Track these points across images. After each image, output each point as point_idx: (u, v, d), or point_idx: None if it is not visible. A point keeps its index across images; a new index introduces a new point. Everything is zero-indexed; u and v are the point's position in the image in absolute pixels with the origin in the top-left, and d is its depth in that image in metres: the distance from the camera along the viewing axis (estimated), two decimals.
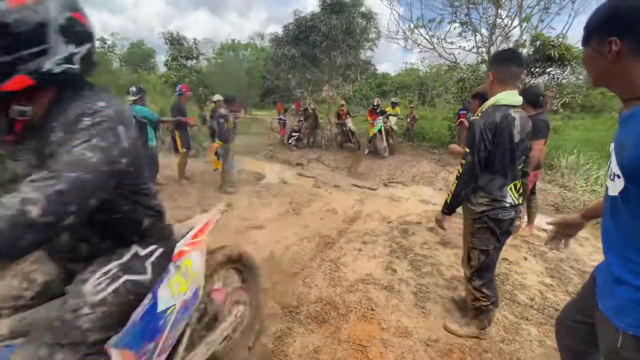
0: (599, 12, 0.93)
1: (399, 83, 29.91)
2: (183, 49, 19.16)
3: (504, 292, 2.65)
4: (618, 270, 0.96)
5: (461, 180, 1.83)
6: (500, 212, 1.86)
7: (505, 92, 1.79)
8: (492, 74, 1.84)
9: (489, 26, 9.14)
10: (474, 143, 1.75)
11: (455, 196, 1.88)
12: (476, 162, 1.77)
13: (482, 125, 1.73)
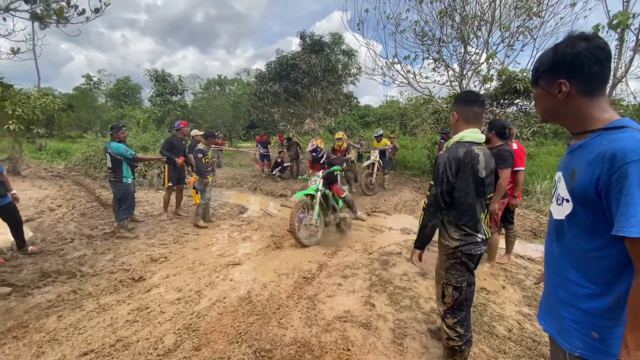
0: (546, 56, 1.02)
1: (381, 114, 31.00)
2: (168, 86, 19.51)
3: (482, 324, 2.62)
4: (561, 292, 0.98)
5: (427, 211, 1.87)
6: (473, 248, 1.89)
7: (469, 129, 1.89)
8: (457, 113, 1.94)
9: (460, 62, 9.78)
10: (438, 176, 1.82)
11: (422, 227, 1.89)
12: (439, 194, 1.82)
13: (445, 159, 1.81)
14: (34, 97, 9.40)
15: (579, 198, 0.93)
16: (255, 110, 13.02)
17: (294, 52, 10.57)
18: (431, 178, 1.89)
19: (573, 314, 0.96)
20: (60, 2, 2.63)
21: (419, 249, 1.98)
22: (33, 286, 3.14)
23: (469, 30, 9.01)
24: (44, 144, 13.58)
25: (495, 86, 8.64)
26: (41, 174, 9.47)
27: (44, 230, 4.87)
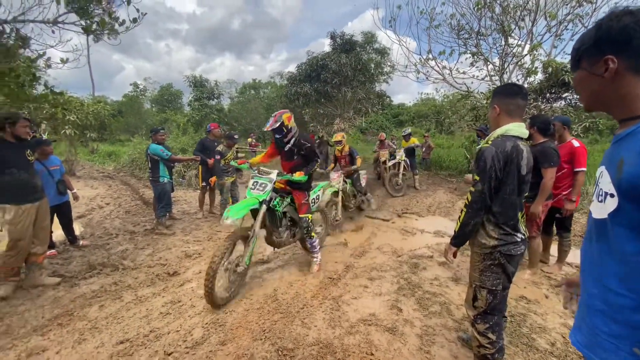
0: (588, 34, 0.92)
1: (416, 113, 30.13)
2: (205, 90, 20.46)
3: (521, 336, 2.42)
4: (598, 302, 0.87)
5: (470, 209, 1.75)
6: (513, 248, 1.77)
7: (514, 123, 1.77)
8: (498, 106, 1.82)
9: (500, 55, 9.20)
10: (485, 170, 1.70)
11: (463, 225, 1.79)
12: (486, 191, 1.70)
13: (493, 153, 1.69)
14: (87, 104, 10.31)
15: (627, 192, 0.81)
16: None
17: (324, 52, 10.61)
18: (474, 173, 1.76)
19: (611, 327, 0.84)
20: (103, 15, 2.84)
21: (456, 246, 1.89)
22: (80, 277, 3.42)
23: (510, 20, 8.45)
24: (96, 147, 14.86)
25: (541, 79, 8.02)
26: (93, 175, 10.35)
27: (93, 225, 5.30)
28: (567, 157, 3.33)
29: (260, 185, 3.09)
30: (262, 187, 3.07)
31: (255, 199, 2.98)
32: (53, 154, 4.16)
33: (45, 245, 3.40)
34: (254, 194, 3.02)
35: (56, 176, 4.04)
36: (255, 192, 3.04)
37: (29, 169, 3.13)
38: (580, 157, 3.31)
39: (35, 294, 3.09)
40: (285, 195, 3.47)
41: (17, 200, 3.01)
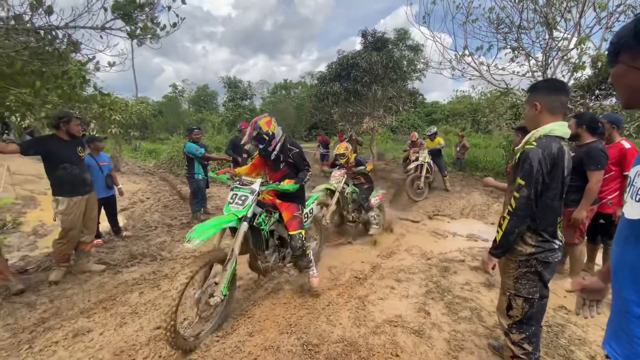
0: (627, 27, 0.86)
1: (450, 111, 29.09)
2: (239, 91, 21.14)
3: (558, 347, 2.27)
4: (637, 307, 0.80)
5: (514, 216, 1.61)
6: (550, 255, 1.67)
7: (557, 122, 1.65)
8: (540, 103, 1.67)
9: (544, 50, 8.63)
10: (532, 174, 1.57)
11: (507, 234, 1.65)
12: (532, 197, 1.58)
13: (540, 156, 1.57)
14: (131, 105, 11.06)
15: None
16: (317, 111, 13.34)
17: (354, 51, 10.55)
18: (518, 177, 1.62)
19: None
20: (147, 21, 3.04)
21: (498, 257, 1.74)
22: (122, 265, 3.69)
23: (556, 12, 7.88)
24: (139, 145, 15.88)
25: (589, 75, 7.41)
26: (135, 171, 11.07)
27: (134, 218, 5.69)
28: (616, 159, 3.05)
29: (240, 198, 2.52)
30: (242, 201, 2.51)
31: (234, 215, 2.45)
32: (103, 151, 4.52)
33: (93, 234, 3.71)
34: (233, 209, 2.48)
35: (105, 171, 4.39)
36: (234, 206, 2.49)
37: (80, 164, 3.42)
38: (631, 159, 3.01)
39: (82, 279, 3.38)
40: (273, 210, 2.90)
41: (69, 193, 3.30)
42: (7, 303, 2.84)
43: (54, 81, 3.15)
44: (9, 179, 6.51)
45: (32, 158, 10.95)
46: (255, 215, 2.64)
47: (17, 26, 2.61)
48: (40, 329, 2.50)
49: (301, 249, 2.91)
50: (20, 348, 2.27)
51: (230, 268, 2.37)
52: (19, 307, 2.81)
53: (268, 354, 2.20)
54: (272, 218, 2.87)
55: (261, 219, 2.71)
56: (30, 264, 3.69)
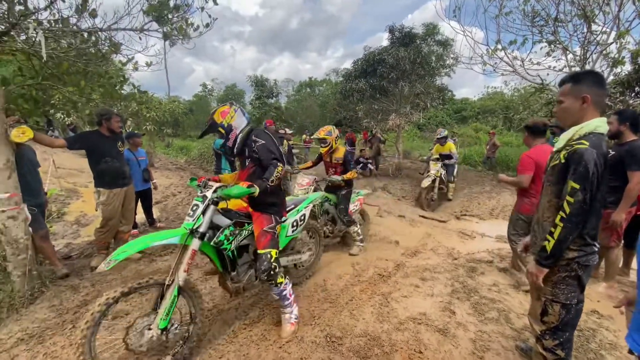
0: None
1: (481, 108, 27.97)
2: (265, 90, 21.52)
3: (588, 352, 2.17)
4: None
5: (569, 222, 1.50)
6: (591, 258, 1.59)
7: (600, 119, 1.56)
8: (590, 96, 1.55)
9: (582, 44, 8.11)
10: (587, 178, 1.45)
11: (561, 242, 1.53)
12: (588, 201, 1.47)
13: (595, 157, 1.46)
14: (164, 103, 11.56)
15: None
16: (341, 108, 13.30)
17: (381, 47, 10.40)
18: (571, 180, 1.50)
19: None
20: (181, 22, 3.19)
21: (548, 267, 1.61)
22: (157, 255, 3.90)
23: (594, 5, 7.37)
24: (171, 142, 16.60)
25: (629, 71, 6.90)
26: (168, 166, 11.58)
27: (167, 211, 5.98)
28: None
29: (192, 208, 2.09)
30: (192, 211, 2.07)
31: (183, 229, 2.03)
32: (140, 147, 4.79)
33: (131, 224, 3.96)
34: (185, 221, 2.06)
35: (142, 165, 4.66)
36: (187, 218, 2.06)
37: (120, 158, 3.66)
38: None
39: (121, 266, 3.61)
40: (247, 222, 2.43)
41: (110, 185, 3.54)
42: (53, 286, 3.10)
43: (97, 80, 3.38)
44: (54, 172, 7.04)
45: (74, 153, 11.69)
46: (216, 230, 2.17)
47: (64, 29, 2.83)
48: (83, 310, 2.71)
49: (267, 274, 2.25)
50: (65, 327, 2.48)
51: (170, 297, 1.91)
52: (64, 289, 3.06)
53: (292, 344, 2.26)
54: (244, 232, 2.37)
55: (223, 237, 2.19)
56: (73, 251, 4.01)
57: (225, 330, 2.44)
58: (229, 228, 2.24)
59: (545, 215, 1.69)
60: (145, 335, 1.85)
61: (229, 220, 2.27)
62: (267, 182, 2.17)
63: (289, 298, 2.42)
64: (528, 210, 3.04)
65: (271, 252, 2.28)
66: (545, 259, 1.59)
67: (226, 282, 2.35)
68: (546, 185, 1.71)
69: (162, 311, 1.89)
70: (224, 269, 2.32)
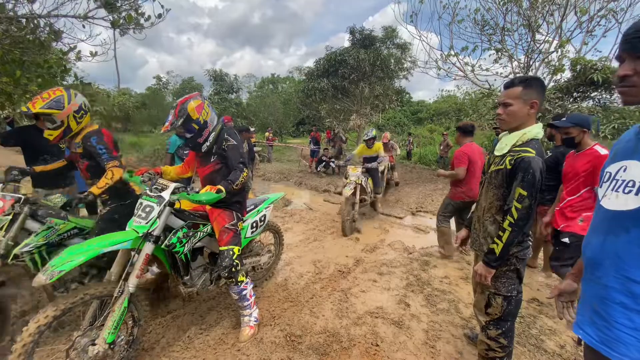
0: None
1: (435, 110, 29.55)
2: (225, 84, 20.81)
3: (529, 337, 2.40)
4: (621, 296, 0.86)
5: (516, 227, 1.57)
6: (527, 252, 1.73)
7: (539, 125, 1.65)
8: (537, 102, 1.61)
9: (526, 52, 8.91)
10: (534, 185, 1.53)
11: (508, 245, 1.61)
12: (533, 206, 1.56)
13: (540, 165, 1.55)
14: (113, 96, 10.74)
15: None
16: (304, 107, 13.33)
17: (342, 48, 10.58)
18: (518, 186, 1.57)
19: (635, 320, 0.85)
20: (129, 11, 2.98)
21: (496, 268, 1.69)
22: None
23: (538, 15, 8.15)
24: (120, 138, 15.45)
25: (568, 77, 7.73)
26: None
27: None
28: (588, 167, 2.49)
29: (144, 210, 1.95)
30: (145, 213, 1.94)
31: (133, 232, 1.89)
32: None
33: None
34: (135, 223, 1.92)
35: None
36: (137, 220, 1.93)
37: (60, 156, 3.33)
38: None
39: None
40: (202, 223, 2.31)
41: (49, 186, 3.21)
42: None
43: (34, 70, 3.05)
44: None
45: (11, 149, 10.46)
46: (168, 232, 2.03)
47: None
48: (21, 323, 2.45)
49: (228, 271, 2.17)
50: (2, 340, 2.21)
51: (119, 308, 1.77)
52: None
53: (251, 345, 2.23)
54: (198, 233, 2.25)
55: (175, 239, 2.05)
56: None
57: (181, 336, 2.34)
58: (182, 230, 2.12)
59: (486, 215, 1.80)
60: (89, 352, 1.69)
61: (182, 222, 2.16)
62: (232, 185, 2.09)
63: (249, 299, 2.36)
64: (459, 198, 3.80)
65: (233, 249, 2.22)
66: (494, 261, 1.67)
67: (177, 287, 2.24)
68: (488, 186, 1.79)
69: (109, 324, 1.74)
70: (176, 273, 2.21)
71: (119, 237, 1.84)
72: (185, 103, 2.15)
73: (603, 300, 0.91)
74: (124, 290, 1.81)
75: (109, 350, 1.75)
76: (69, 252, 1.66)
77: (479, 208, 1.88)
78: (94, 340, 1.73)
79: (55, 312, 1.60)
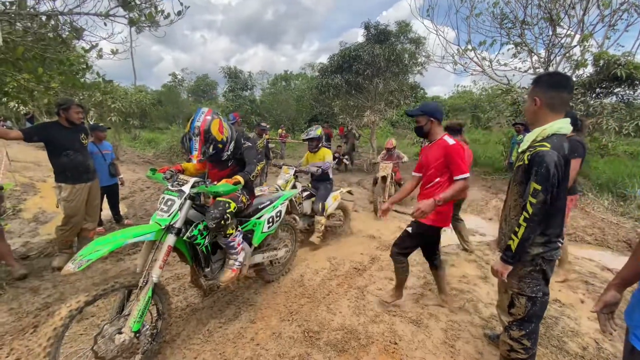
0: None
1: (451, 106, 28.99)
2: (239, 82, 20.98)
3: (551, 338, 2.34)
4: None
5: (531, 222, 1.55)
6: (555, 253, 1.67)
7: (562, 120, 1.62)
8: (539, 98, 1.63)
9: (546, 46, 8.62)
10: (548, 179, 1.51)
11: (524, 241, 1.59)
12: (548, 201, 1.53)
13: (556, 159, 1.52)
14: (130, 93, 10.96)
15: None
16: (317, 103, 13.29)
17: (356, 43, 10.47)
18: (533, 181, 1.54)
19: None
20: (150, 8, 3.02)
21: (513, 265, 1.66)
22: (124, 253, 3.72)
23: (560, 9, 7.86)
24: (138, 134, 15.78)
25: (590, 73, 7.44)
26: (135, 160, 11.03)
27: (135, 207, 5.71)
28: (438, 157, 2.39)
29: (166, 204, 2.02)
30: (167, 206, 2.00)
31: (156, 225, 1.96)
32: (105, 140, 4.52)
33: (96, 222, 3.74)
34: (157, 216, 1.99)
35: (108, 160, 4.40)
36: (160, 213, 1.99)
37: (83, 151, 3.43)
38: (458, 158, 2.33)
39: None
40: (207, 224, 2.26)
41: (72, 180, 3.31)
42: (10, 288, 2.88)
43: (56, 67, 3.14)
44: (8, 165, 6.49)
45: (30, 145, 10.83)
46: (189, 225, 2.11)
47: (20, 11, 2.59)
48: (44, 314, 2.54)
49: (217, 222, 2.13)
50: (26, 332, 2.31)
51: (144, 297, 1.84)
52: (23, 292, 2.85)
53: (270, 340, 2.26)
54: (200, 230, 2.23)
55: (196, 231, 2.14)
56: (32, 250, 3.73)
57: (200, 329, 2.38)
58: (202, 222, 2.20)
59: (512, 214, 1.76)
60: (116, 341, 1.75)
61: (203, 215, 2.24)
62: (249, 176, 2.29)
63: (236, 247, 2.40)
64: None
65: (230, 202, 2.26)
66: (511, 257, 1.64)
67: (199, 280, 2.33)
68: (513, 184, 1.77)
69: (135, 313, 1.81)
70: (197, 265, 2.29)
71: (143, 229, 1.91)
72: (207, 127, 2.17)
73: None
74: (148, 280, 1.89)
75: (134, 338, 1.81)
76: (96, 242, 1.74)
77: (505, 207, 1.84)
78: (121, 328, 1.79)
79: (87, 298, 1.68)
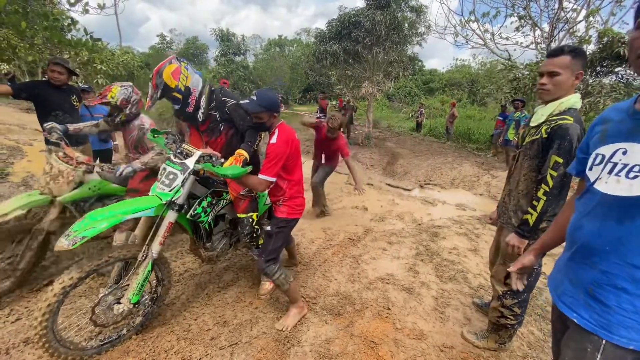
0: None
1: (448, 80, 28.53)
2: (232, 45, 20.08)
3: (535, 307, 2.49)
4: (623, 282, 0.87)
5: (551, 195, 1.55)
6: None
7: (577, 95, 1.60)
8: (581, 74, 1.57)
9: (551, 20, 8.39)
10: (571, 152, 1.49)
11: (542, 214, 1.58)
12: (567, 174, 1.51)
13: (579, 132, 1.51)
14: (117, 55, 10.43)
15: None
16: (313, 72, 12.86)
17: (357, 8, 9.97)
18: (554, 154, 1.53)
19: (637, 305, 0.85)
20: None
21: (529, 238, 1.66)
22: None
23: None
24: None
25: (593, 50, 7.33)
26: None
27: None
28: None
29: (168, 177, 1.87)
30: (169, 180, 1.86)
31: (156, 199, 1.82)
32: None
33: None
34: (158, 189, 1.85)
35: None
36: (160, 187, 1.86)
37: (73, 114, 3.29)
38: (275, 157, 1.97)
39: None
40: (225, 191, 2.30)
41: None
42: None
43: (40, 22, 2.93)
44: None
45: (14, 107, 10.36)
46: (192, 200, 2.02)
47: None
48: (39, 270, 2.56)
49: (250, 237, 2.29)
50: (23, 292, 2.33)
51: (143, 272, 1.80)
52: None
53: (268, 304, 2.34)
54: (221, 202, 2.25)
55: (200, 209, 2.04)
56: None
57: (199, 293, 2.44)
58: (206, 199, 2.10)
59: (519, 188, 1.77)
60: (114, 310, 1.76)
61: (206, 189, 2.13)
62: (252, 146, 2.06)
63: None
64: None
65: (252, 216, 2.27)
66: (528, 232, 1.64)
67: (198, 250, 2.25)
68: (523, 158, 1.74)
69: (134, 286, 1.78)
70: (198, 238, 2.21)
71: (143, 203, 1.79)
72: (160, 71, 1.93)
73: (601, 285, 0.91)
74: (147, 254, 1.83)
75: (134, 309, 1.83)
76: (91, 217, 1.63)
77: (511, 182, 1.86)
78: (119, 299, 1.78)
79: (80, 274, 1.64)
